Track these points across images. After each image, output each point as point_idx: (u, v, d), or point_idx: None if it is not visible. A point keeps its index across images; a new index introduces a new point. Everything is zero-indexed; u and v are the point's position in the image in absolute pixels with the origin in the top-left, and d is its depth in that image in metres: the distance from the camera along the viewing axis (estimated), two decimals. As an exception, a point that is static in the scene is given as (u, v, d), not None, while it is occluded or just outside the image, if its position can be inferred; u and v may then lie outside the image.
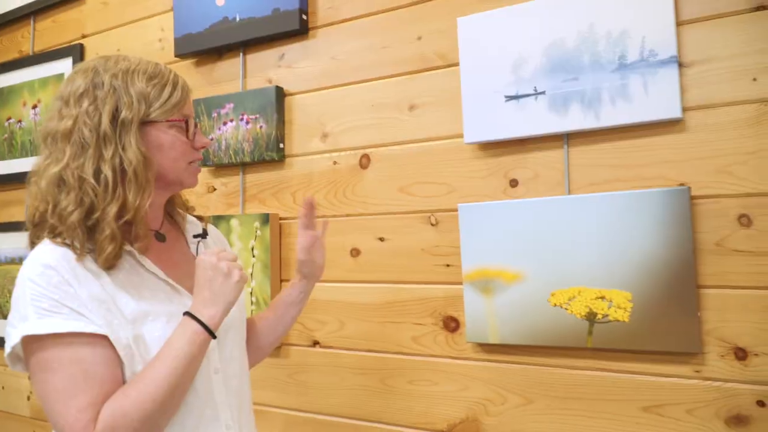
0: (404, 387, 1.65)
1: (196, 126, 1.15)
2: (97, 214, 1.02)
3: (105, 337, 0.99)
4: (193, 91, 1.18)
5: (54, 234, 1.03)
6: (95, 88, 1.05)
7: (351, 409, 1.73)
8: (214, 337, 1.04)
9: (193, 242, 1.24)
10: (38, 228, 1.06)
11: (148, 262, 1.10)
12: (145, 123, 1.06)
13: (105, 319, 1.00)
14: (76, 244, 1.01)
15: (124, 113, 1.04)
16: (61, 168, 1.03)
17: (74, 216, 1.01)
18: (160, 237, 1.17)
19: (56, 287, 0.98)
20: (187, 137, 1.12)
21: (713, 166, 1.31)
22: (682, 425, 1.31)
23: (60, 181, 1.03)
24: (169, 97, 1.09)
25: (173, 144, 1.10)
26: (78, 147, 1.03)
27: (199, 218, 1.30)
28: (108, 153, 1.02)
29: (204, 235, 1.26)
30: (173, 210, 1.25)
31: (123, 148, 1.03)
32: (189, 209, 1.29)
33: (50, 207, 1.03)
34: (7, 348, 1.00)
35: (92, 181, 1.01)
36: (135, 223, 1.05)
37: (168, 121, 1.08)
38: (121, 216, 1.02)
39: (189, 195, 1.50)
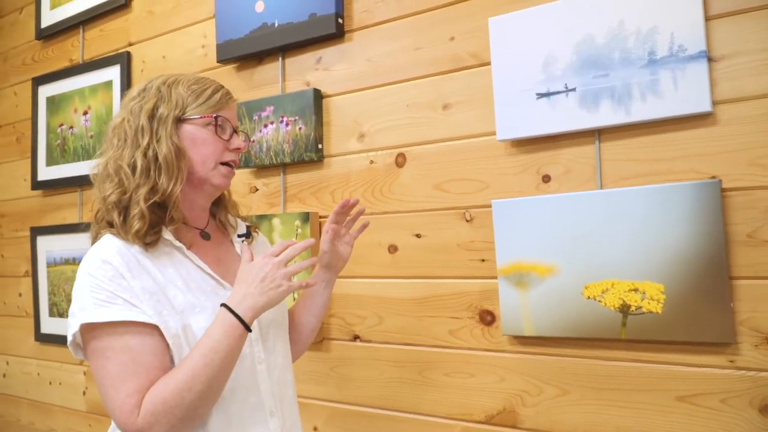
0: (441, 379, 1.70)
1: (235, 131, 1.24)
2: (128, 194, 1.13)
3: (155, 327, 1.08)
4: (235, 97, 1.26)
5: (111, 226, 1.15)
6: (144, 91, 1.20)
7: (390, 400, 1.78)
8: (250, 330, 1.10)
9: (237, 242, 1.32)
10: (98, 223, 1.18)
11: (195, 258, 1.19)
12: (181, 120, 1.17)
13: (155, 310, 1.08)
14: (116, 220, 1.13)
15: (161, 110, 1.16)
16: (107, 159, 1.17)
17: (112, 197, 1.13)
18: (205, 236, 1.26)
19: (111, 280, 1.08)
20: (218, 135, 1.20)
21: (744, 159, 1.32)
22: (717, 414, 1.33)
23: (105, 171, 1.17)
24: (207, 99, 1.20)
25: (206, 140, 1.19)
26: (121, 140, 1.17)
27: (249, 227, 1.38)
28: (143, 143, 1.14)
29: (248, 234, 1.33)
30: (225, 217, 1.33)
31: (157, 140, 1.15)
32: (243, 219, 1.38)
33: (101, 196, 1.16)
34: (69, 336, 1.10)
35: (126, 168, 1.14)
36: (168, 207, 1.15)
37: (201, 117, 1.18)
38: (150, 198, 1.12)
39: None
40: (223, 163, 1.21)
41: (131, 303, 1.07)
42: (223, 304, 1.11)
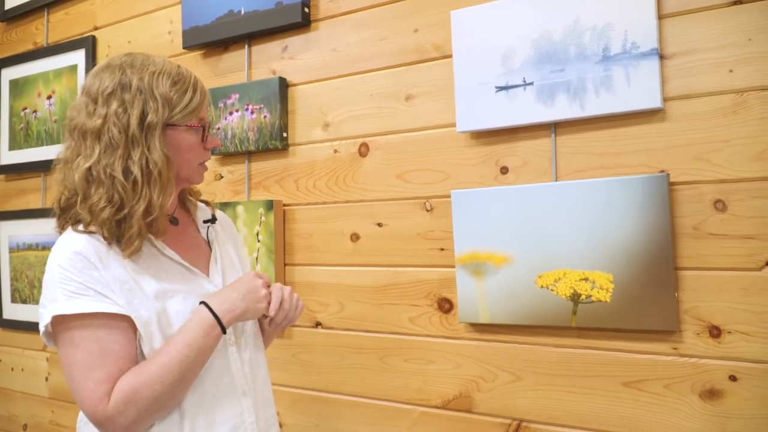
0: (401, 365, 1.73)
1: (209, 127, 1.25)
2: (125, 211, 1.10)
3: (125, 318, 1.10)
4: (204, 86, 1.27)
5: (77, 222, 1.13)
6: (123, 90, 1.13)
7: (351, 386, 1.82)
8: (225, 332, 1.15)
9: (203, 227, 1.35)
10: (65, 213, 1.16)
11: (165, 248, 1.21)
12: (167, 125, 1.15)
13: (126, 299, 1.10)
14: (106, 233, 1.11)
15: (150, 117, 1.12)
16: (92, 164, 1.11)
17: (106, 212, 1.10)
18: (174, 221, 1.28)
19: (81, 271, 1.08)
20: (202, 140, 1.22)
21: (691, 154, 1.37)
22: (660, 399, 1.38)
23: (89, 176, 1.12)
24: (190, 101, 1.18)
25: (190, 146, 1.20)
26: (108, 146, 1.11)
27: (206, 203, 1.40)
28: (136, 154, 1.11)
29: (213, 220, 1.35)
30: (185, 197, 1.35)
31: (149, 150, 1.12)
32: (195, 194, 1.39)
33: (80, 198, 1.12)
34: (41, 327, 1.11)
35: (122, 179, 1.10)
36: (157, 219, 1.14)
37: (187, 125, 1.18)
38: (149, 214, 1.12)
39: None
40: (201, 163, 1.25)
41: (102, 294, 1.08)
42: (202, 302, 1.15)
